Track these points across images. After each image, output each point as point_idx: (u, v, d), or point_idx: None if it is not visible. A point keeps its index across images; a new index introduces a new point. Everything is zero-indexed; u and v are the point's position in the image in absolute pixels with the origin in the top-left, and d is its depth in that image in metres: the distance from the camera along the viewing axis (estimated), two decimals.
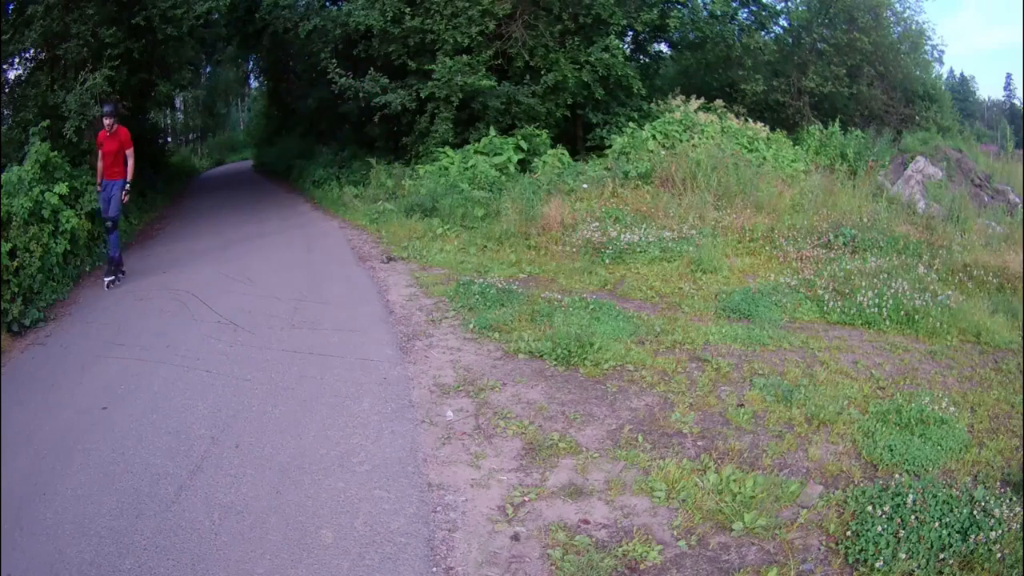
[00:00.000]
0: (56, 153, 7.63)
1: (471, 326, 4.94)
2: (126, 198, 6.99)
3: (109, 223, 6.79)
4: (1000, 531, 2.43)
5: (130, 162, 6.87)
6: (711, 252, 6.47)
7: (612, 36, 11.43)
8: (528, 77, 11.78)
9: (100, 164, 6.81)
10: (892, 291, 5.24)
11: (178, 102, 29.03)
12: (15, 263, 5.79)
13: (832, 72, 13.89)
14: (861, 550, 2.45)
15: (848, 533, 2.56)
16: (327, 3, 13.59)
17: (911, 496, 2.62)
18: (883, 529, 2.47)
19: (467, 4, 10.84)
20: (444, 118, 11.19)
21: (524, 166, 10.44)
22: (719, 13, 12.69)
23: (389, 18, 11.11)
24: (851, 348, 4.60)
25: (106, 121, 6.70)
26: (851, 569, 2.42)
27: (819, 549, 2.54)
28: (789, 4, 14.84)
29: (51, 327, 5.63)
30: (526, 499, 2.87)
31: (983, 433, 3.39)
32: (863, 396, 3.77)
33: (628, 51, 13.07)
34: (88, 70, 8.98)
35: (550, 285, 6.04)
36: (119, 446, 3.46)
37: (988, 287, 5.82)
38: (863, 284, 5.41)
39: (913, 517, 2.51)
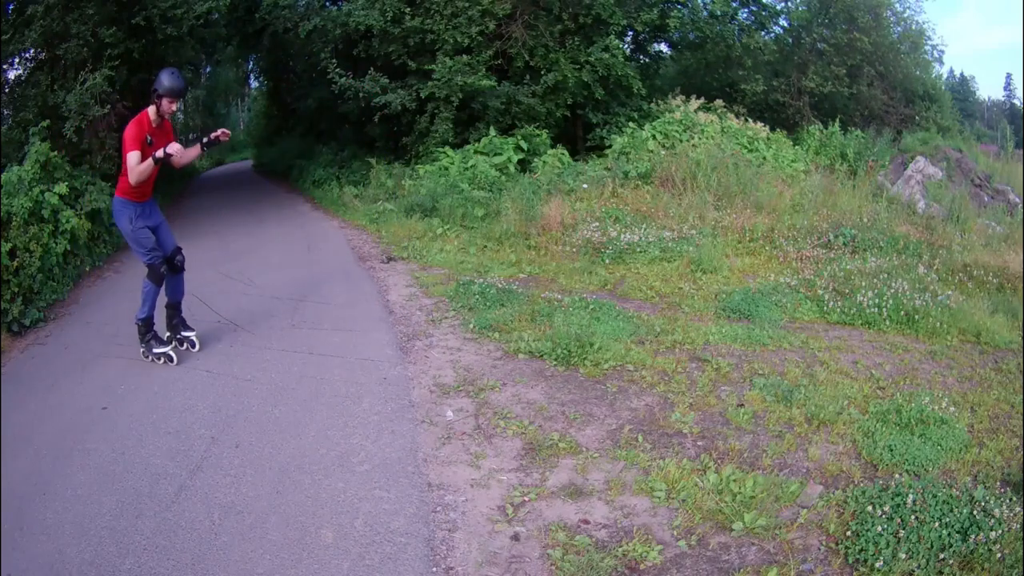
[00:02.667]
0: (56, 153, 7.63)
1: (471, 326, 4.94)
2: None
3: (180, 259, 4.68)
4: (1000, 531, 2.42)
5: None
6: (711, 252, 6.47)
7: (612, 36, 11.44)
8: (528, 77, 11.79)
9: (148, 176, 4.26)
10: (892, 291, 5.23)
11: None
12: (15, 263, 5.79)
13: (832, 72, 13.90)
14: (861, 550, 2.45)
15: (848, 533, 2.55)
16: (327, 3, 13.60)
17: (911, 496, 2.62)
18: (883, 529, 2.47)
19: (467, 4, 10.84)
20: (444, 118, 11.19)
21: (524, 166, 10.45)
22: (719, 13, 12.69)
23: (389, 18, 11.11)
24: (851, 348, 4.60)
25: (170, 105, 4.19)
26: (851, 569, 2.42)
27: (819, 549, 2.53)
28: (789, 4, 14.86)
29: (51, 327, 5.63)
30: (526, 499, 2.87)
31: (983, 433, 3.39)
32: (863, 396, 3.77)
33: (628, 51, 13.08)
34: (88, 70, 8.98)
35: (550, 285, 6.03)
36: (119, 446, 3.46)
37: (988, 287, 5.82)
38: (863, 284, 5.40)
39: (913, 517, 2.51)
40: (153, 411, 3.84)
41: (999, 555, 2.36)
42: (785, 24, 14.70)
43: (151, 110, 4.22)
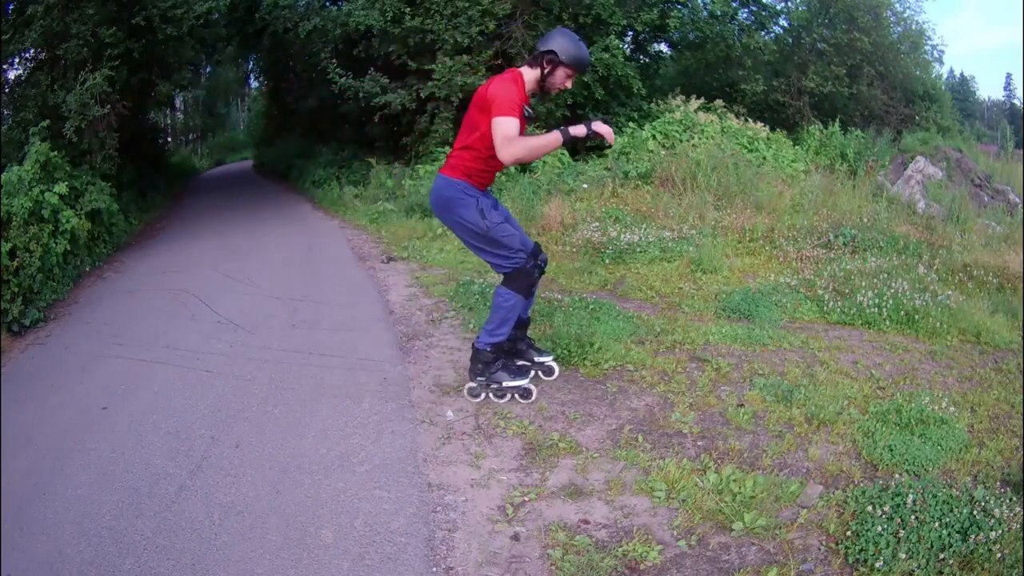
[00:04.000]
0: (56, 153, 7.64)
1: (471, 326, 4.94)
2: None
3: (544, 258, 3.63)
4: (1000, 531, 2.42)
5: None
6: (711, 252, 6.47)
7: (612, 36, 11.44)
8: None
9: (538, 156, 3.29)
10: (892, 291, 5.23)
11: (178, 102, 29.08)
12: (15, 263, 5.79)
13: (832, 72, 13.92)
14: (861, 550, 2.45)
15: (848, 533, 2.55)
16: (327, 3, 13.61)
17: (911, 496, 2.62)
18: (883, 529, 2.47)
19: (467, 4, 10.85)
20: (444, 118, 11.19)
21: (524, 166, 10.45)
22: (719, 13, 12.70)
23: (389, 18, 11.12)
24: (851, 348, 4.60)
25: (566, 79, 3.28)
26: (851, 569, 2.42)
27: (819, 549, 2.53)
28: (789, 4, 14.88)
29: (51, 327, 5.63)
30: (526, 499, 2.87)
31: (983, 433, 3.39)
32: (863, 396, 3.77)
33: (628, 51, 13.08)
34: (88, 70, 8.99)
35: (550, 285, 6.03)
36: (119, 446, 3.46)
37: (988, 287, 5.81)
38: (863, 284, 5.40)
39: (913, 517, 2.50)
40: (153, 411, 3.84)
41: (999, 555, 2.36)
42: (785, 24, 14.72)
43: (529, 74, 3.19)
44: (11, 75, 10.25)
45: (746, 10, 13.66)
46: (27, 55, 9.97)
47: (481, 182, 3.32)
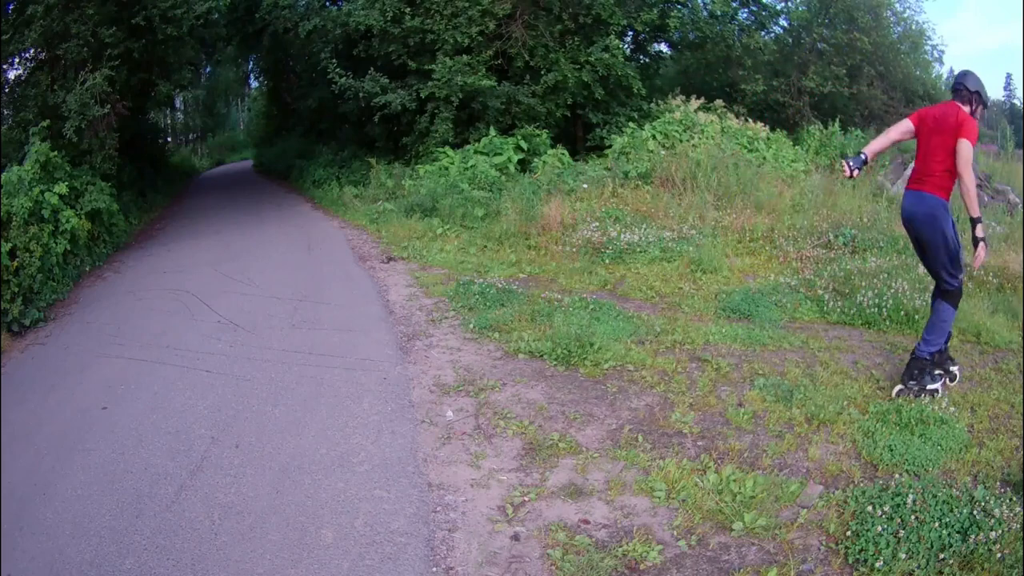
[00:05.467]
0: (56, 153, 7.64)
1: (471, 326, 4.94)
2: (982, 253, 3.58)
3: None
4: (1000, 531, 2.42)
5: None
6: (711, 252, 6.47)
7: (612, 36, 11.44)
8: (528, 77, 11.79)
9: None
10: (892, 291, 5.23)
11: (178, 102, 29.08)
12: (15, 263, 5.79)
13: (832, 72, 13.90)
14: (861, 550, 2.45)
15: (848, 533, 2.55)
16: (327, 3, 13.61)
17: (911, 496, 2.62)
18: (883, 529, 2.47)
19: (467, 4, 10.85)
20: (444, 118, 11.19)
21: (524, 166, 10.45)
22: (719, 13, 12.70)
23: (389, 18, 11.12)
24: (851, 348, 4.60)
25: (979, 111, 3.64)
26: (851, 569, 2.42)
27: (819, 549, 2.53)
28: (789, 4, 14.85)
29: (51, 327, 5.63)
30: (526, 499, 2.87)
31: (983, 433, 3.39)
32: (863, 396, 3.77)
33: (628, 51, 13.09)
34: (88, 70, 8.99)
35: (550, 285, 6.03)
36: (119, 446, 3.46)
37: (988, 287, 5.80)
38: (863, 284, 5.40)
39: (913, 517, 2.50)
40: (153, 411, 3.85)
41: (999, 555, 2.36)
42: (785, 24, 14.70)
43: (966, 109, 3.58)
44: (11, 75, 10.25)
45: (746, 10, 13.66)
46: (27, 55, 9.97)
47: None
